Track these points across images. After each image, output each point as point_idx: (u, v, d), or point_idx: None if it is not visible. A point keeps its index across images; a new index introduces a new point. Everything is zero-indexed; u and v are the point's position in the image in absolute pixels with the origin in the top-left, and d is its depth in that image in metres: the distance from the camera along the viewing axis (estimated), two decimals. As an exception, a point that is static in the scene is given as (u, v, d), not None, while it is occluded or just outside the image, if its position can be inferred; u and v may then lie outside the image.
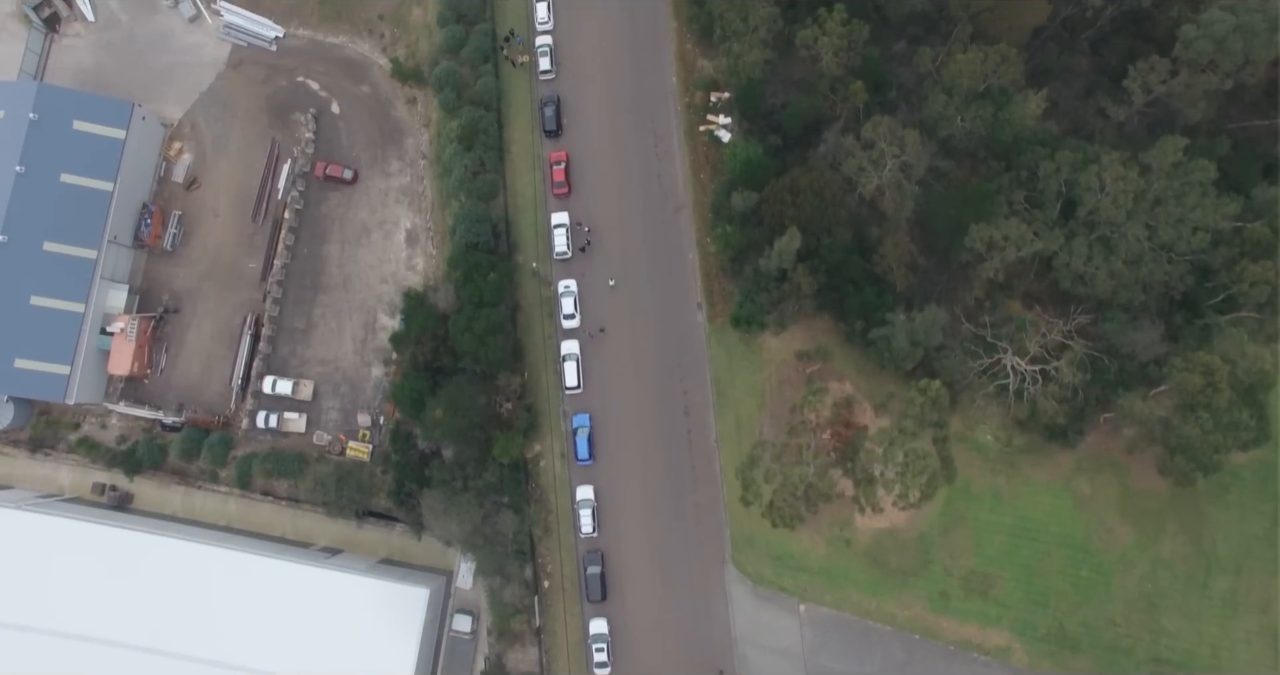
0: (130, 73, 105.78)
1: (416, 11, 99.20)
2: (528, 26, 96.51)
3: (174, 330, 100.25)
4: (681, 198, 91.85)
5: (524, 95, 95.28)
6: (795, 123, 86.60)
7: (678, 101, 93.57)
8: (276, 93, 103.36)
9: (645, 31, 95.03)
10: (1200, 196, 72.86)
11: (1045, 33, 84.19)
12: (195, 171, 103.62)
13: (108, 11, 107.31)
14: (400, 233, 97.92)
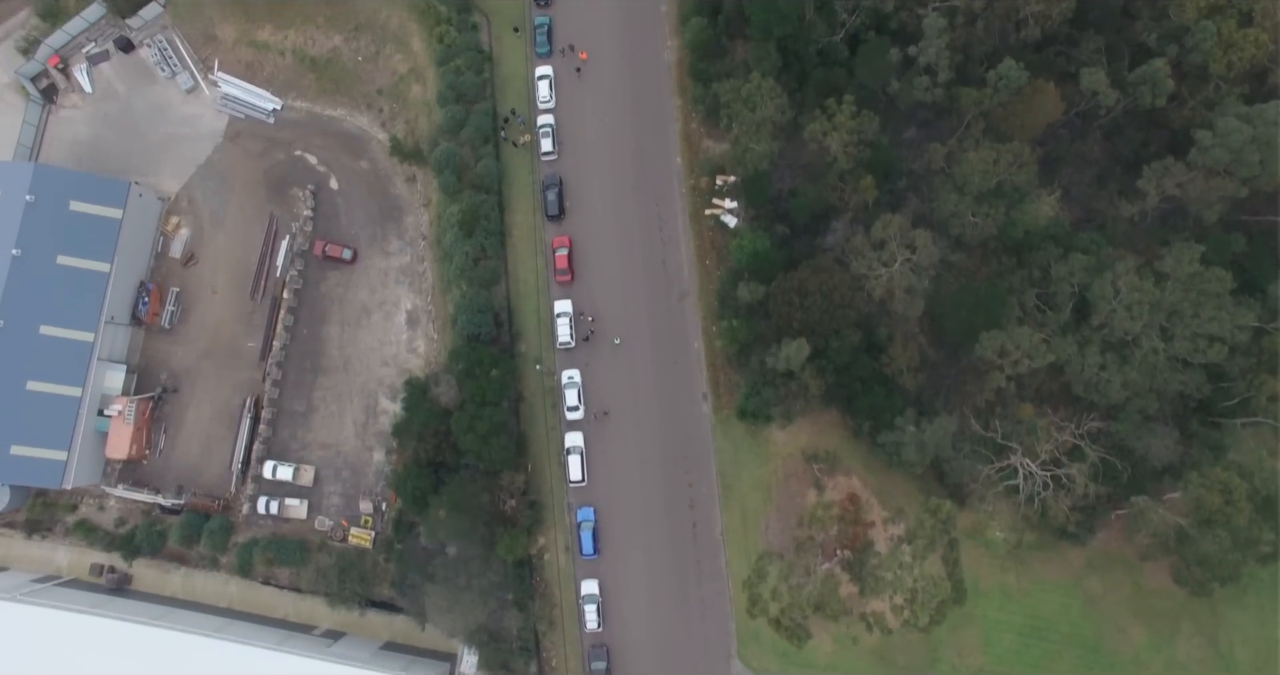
0: (127, 145, 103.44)
1: (416, 88, 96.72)
2: (529, 105, 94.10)
3: (173, 410, 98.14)
4: (687, 284, 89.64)
5: (525, 177, 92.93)
6: (803, 212, 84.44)
7: (682, 183, 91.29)
8: (274, 166, 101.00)
9: (649, 111, 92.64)
10: (1217, 308, 70.72)
11: (1058, 123, 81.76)
12: (193, 247, 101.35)
13: (105, 82, 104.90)
14: (401, 314, 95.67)
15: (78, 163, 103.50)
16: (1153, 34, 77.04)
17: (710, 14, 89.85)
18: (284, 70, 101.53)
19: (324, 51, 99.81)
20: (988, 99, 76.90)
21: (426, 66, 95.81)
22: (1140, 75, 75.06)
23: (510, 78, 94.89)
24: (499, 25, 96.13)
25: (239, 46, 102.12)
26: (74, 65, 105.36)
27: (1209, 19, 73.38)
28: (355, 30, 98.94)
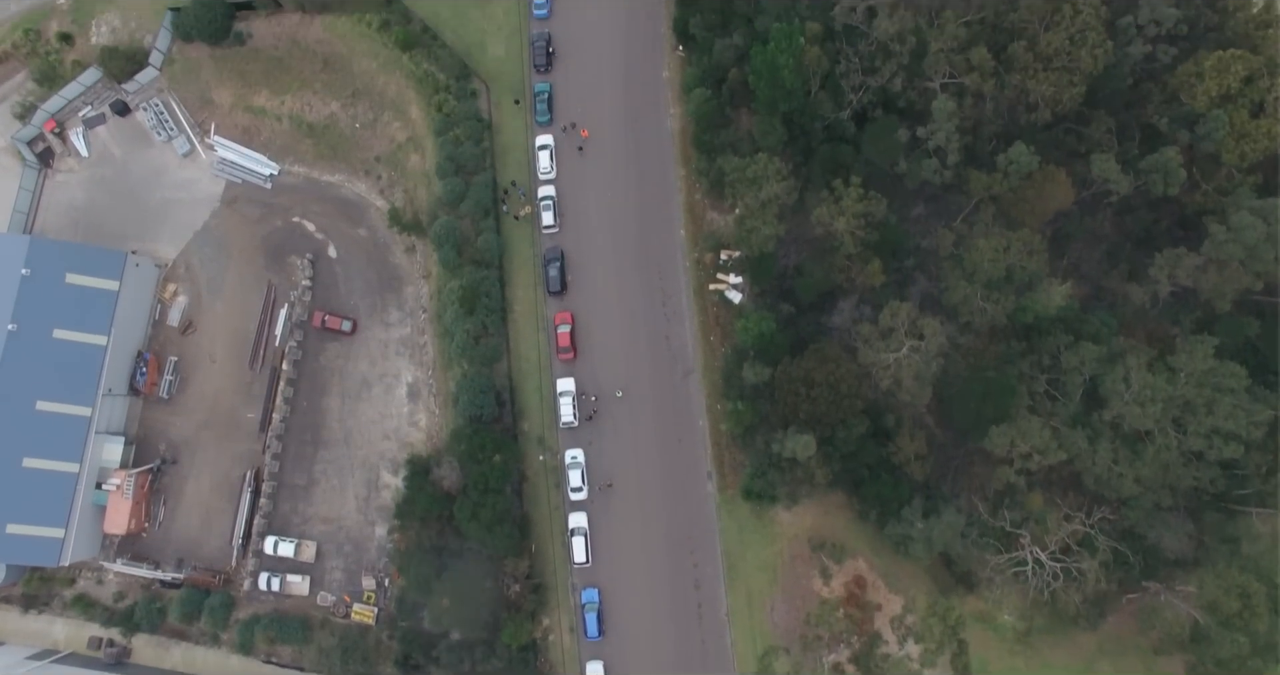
0: (124, 210, 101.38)
1: (414, 157, 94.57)
2: (529, 176, 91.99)
3: (172, 482, 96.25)
4: (691, 361, 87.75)
5: (527, 249, 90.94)
6: (809, 292, 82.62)
7: (686, 257, 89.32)
8: (272, 233, 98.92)
9: (652, 181, 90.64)
10: (1232, 405, 68.91)
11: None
12: (191, 315, 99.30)
13: (101, 146, 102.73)
14: (402, 387, 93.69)
15: (74, 228, 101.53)
16: (1164, 118, 75.04)
17: (714, 85, 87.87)
18: (281, 135, 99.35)
19: (321, 117, 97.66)
20: (997, 184, 74.96)
21: (425, 136, 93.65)
22: (1152, 163, 73.17)
23: (510, 147, 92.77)
24: (499, 92, 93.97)
25: (235, 111, 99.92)
26: (70, 129, 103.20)
27: (1220, 108, 71.36)
28: (352, 96, 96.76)
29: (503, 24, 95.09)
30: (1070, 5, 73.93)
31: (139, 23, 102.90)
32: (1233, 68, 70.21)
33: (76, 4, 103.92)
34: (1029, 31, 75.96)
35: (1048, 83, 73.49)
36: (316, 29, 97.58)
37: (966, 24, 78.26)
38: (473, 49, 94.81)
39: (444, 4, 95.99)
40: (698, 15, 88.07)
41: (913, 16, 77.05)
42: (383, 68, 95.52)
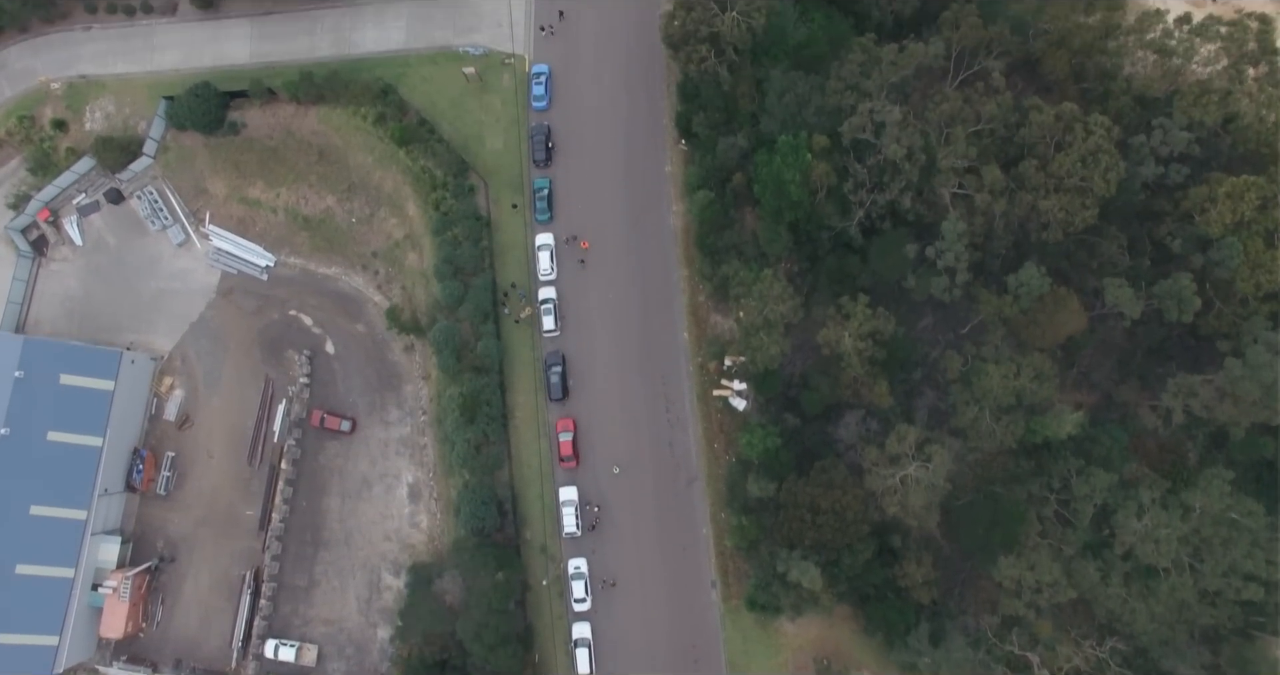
0: (119, 300, 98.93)
1: (411, 255, 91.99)
2: (529, 276, 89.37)
3: (170, 580, 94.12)
4: (694, 468, 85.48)
5: (527, 353, 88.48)
6: (815, 405, 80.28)
7: (690, 361, 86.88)
8: (269, 326, 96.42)
9: (655, 283, 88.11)
10: (1250, 545, 66.74)
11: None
12: (187, 409, 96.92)
13: (95, 234, 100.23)
14: (402, 487, 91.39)
15: (68, 318, 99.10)
16: (1177, 239, 72.64)
17: (717, 185, 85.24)
18: (276, 227, 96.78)
19: (317, 211, 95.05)
20: (1008, 308, 72.59)
21: (423, 234, 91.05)
22: (1165, 289, 70.80)
23: (509, 246, 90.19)
24: (497, 187, 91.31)
25: (230, 202, 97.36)
26: (64, 217, 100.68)
27: (1234, 234, 68.97)
28: (348, 191, 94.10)
29: (500, 115, 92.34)
30: (1082, 126, 71.42)
31: (133, 108, 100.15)
32: (1246, 195, 67.83)
33: (70, 89, 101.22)
34: (1040, 149, 73.45)
35: (1059, 205, 71.06)
36: (311, 120, 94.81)
37: (977, 134, 75.70)
38: (470, 141, 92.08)
39: (440, 94, 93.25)
40: (700, 113, 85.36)
41: (921, 134, 74.40)
42: (379, 162, 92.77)
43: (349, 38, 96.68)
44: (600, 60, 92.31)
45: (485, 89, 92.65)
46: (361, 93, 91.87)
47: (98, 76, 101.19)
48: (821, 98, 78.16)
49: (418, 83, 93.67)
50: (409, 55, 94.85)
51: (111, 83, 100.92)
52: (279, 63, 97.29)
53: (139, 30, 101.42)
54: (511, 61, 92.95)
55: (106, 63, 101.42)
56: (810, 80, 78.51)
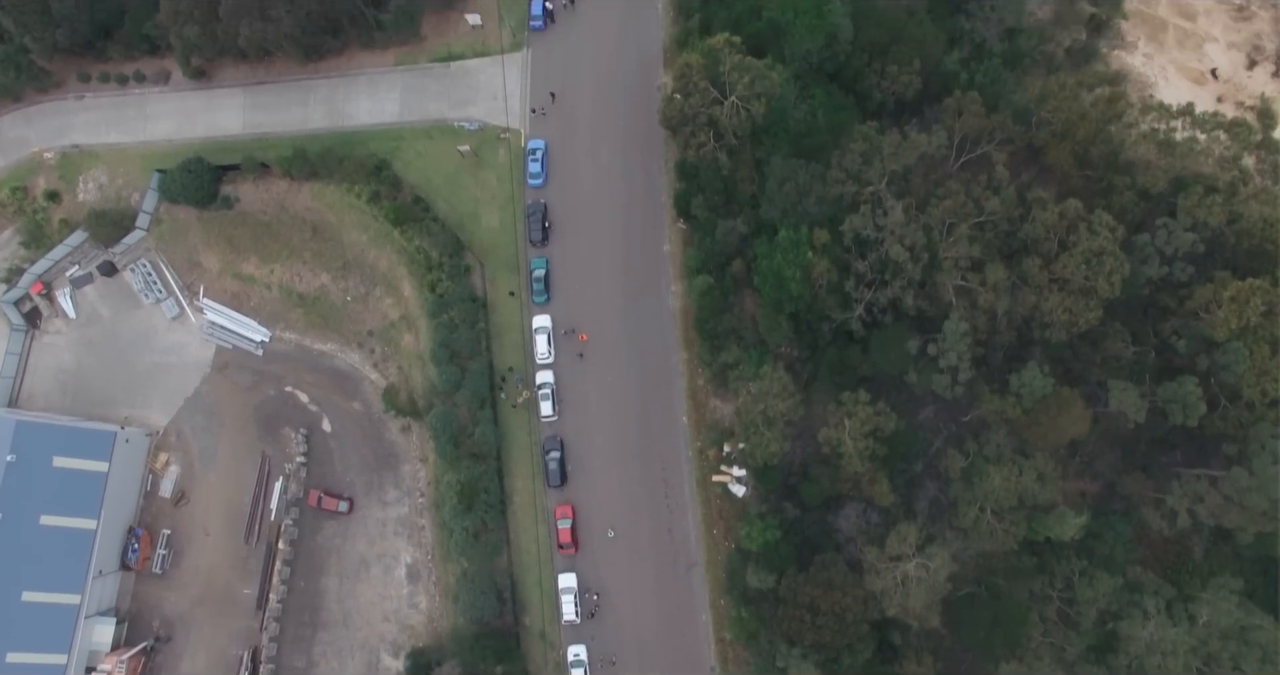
0: (113, 373, 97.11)
1: (407, 337, 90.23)
2: (526, 358, 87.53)
3: (166, 660, 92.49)
4: (694, 554, 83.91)
5: (525, 438, 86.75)
6: (815, 497, 78.79)
7: (689, 446, 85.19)
8: (265, 402, 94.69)
9: (653, 366, 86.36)
10: (1260, 661, 65.20)
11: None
12: (183, 485, 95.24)
13: (89, 307, 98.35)
14: (401, 567, 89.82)
15: (62, 392, 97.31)
16: (1181, 339, 70.96)
17: (716, 269, 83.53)
18: (271, 302, 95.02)
19: (311, 289, 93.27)
20: (1010, 409, 70.97)
21: (418, 315, 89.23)
22: (1171, 393, 69.15)
23: (506, 328, 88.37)
24: (493, 268, 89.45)
25: (224, 276, 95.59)
26: (57, 289, 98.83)
27: (1240, 339, 67.26)
28: (343, 269, 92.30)
29: (496, 192, 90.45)
30: (1086, 225, 69.66)
31: (126, 179, 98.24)
32: (1252, 301, 66.13)
33: (63, 159, 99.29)
34: (1044, 247, 71.74)
35: (1063, 305, 69.40)
36: (305, 197, 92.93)
37: (979, 226, 73.93)
38: (466, 219, 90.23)
39: (435, 170, 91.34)
40: (699, 195, 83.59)
41: (924, 229, 72.62)
42: (373, 241, 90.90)
43: (342, 109, 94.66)
44: (597, 135, 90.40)
45: (480, 165, 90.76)
46: (355, 170, 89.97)
47: (90, 146, 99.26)
48: (823, 187, 76.42)
49: (412, 158, 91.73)
50: (403, 128, 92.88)
51: (104, 153, 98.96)
52: (272, 134, 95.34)
53: (132, 99, 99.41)
54: (507, 136, 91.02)
55: (99, 132, 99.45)
56: (811, 169, 76.72)
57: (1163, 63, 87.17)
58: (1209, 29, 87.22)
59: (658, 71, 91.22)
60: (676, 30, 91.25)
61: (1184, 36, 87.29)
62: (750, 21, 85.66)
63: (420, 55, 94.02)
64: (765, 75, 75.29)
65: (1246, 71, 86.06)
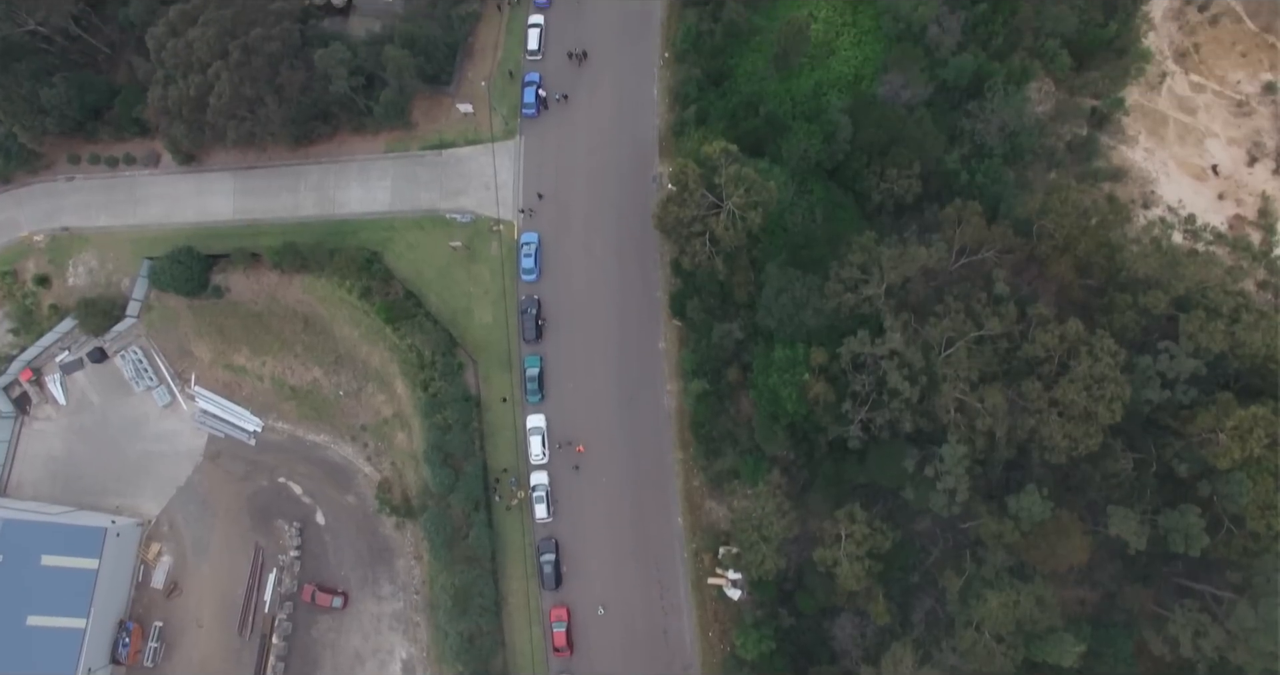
0: (104, 462, 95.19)
1: (400, 435, 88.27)
2: (521, 461, 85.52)
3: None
4: (690, 656, 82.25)
5: (520, 539, 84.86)
6: (811, 607, 77.01)
7: (684, 547, 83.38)
8: (258, 493, 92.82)
9: (649, 466, 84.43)
10: None
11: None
12: (175, 576, 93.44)
13: (79, 393, 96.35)
14: (396, 663, 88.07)
15: (52, 481, 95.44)
16: (1183, 463, 69.08)
17: (712, 374, 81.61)
18: (263, 393, 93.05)
19: (304, 382, 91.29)
20: (1009, 533, 69.15)
21: (412, 414, 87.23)
22: (1173, 521, 67.33)
23: (500, 426, 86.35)
24: (487, 365, 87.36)
25: (215, 367, 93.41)
26: (47, 374, 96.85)
27: (1243, 469, 65.41)
28: (335, 363, 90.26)
29: (489, 287, 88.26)
30: (1088, 350, 67.68)
31: (116, 264, 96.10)
32: (1255, 431, 64.21)
33: (53, 242, 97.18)
34: (1044, 369, 69.79)
35: (1062, 431, 67.48)
36: (296, 289, 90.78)
37: (979, 341, 71.92)
38: (459, 315, 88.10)
39: (427, 263, 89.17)
40: (695, 297, 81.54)
41: (922, 351, 70.62)
42: (365, 337, 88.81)
43: (333, 197, 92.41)
44: (591, 228, 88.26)
45: (473, 258, 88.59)
46: (346, 264, 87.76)
47: (81, 229, 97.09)
48: (820, 300, 74.31)
49: (404, 250, 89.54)
50: (394, 218, 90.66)
51: (95, 236, 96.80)
52: (263, 220, 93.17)
53: (122, 182, 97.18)
54: (500, 229, 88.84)
55: (90, 215, 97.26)
56: (808, 281, 74.62)
57: (1164, 158, 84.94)
58: (1209, 124, 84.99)
59: (653, 161, 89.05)
60: (672, 118, 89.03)
61: (1185, 131, 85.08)
62: (747, 117, 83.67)
63: (411, 142, 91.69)
64: (762, 186, 73.12)
65: (1247, 168, 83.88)
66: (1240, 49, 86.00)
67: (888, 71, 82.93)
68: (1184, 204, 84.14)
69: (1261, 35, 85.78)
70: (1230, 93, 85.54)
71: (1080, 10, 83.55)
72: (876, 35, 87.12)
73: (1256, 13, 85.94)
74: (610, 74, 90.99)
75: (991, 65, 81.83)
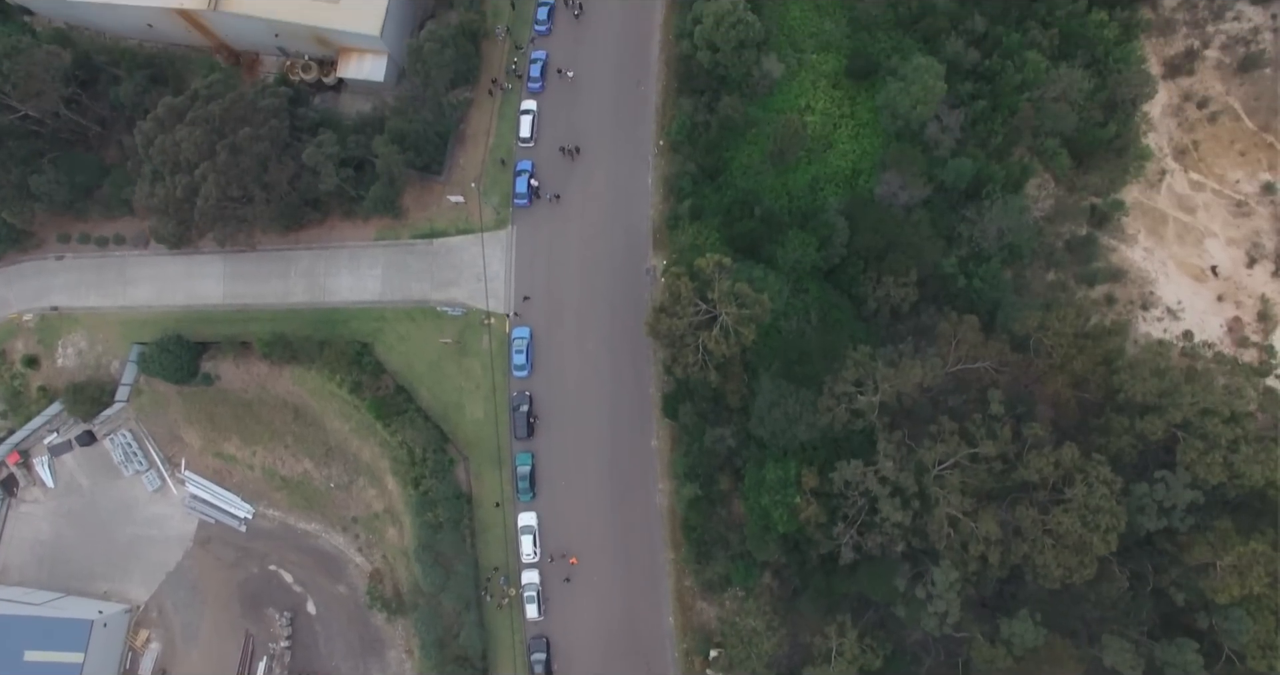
0: (92, 545, 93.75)
1: (391, 530, 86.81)
2: (512, 559, 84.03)
3: None
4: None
5: (510, 637, 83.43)
6: (802, 719, 75.51)
7: (675, 647, 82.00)
8: (248, 580, 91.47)
9: (640, 566, 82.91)
10: None
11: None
12: (164, 664, 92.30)
13: (67, 475, 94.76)
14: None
15: (39, 565, 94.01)
16: (1181, 593, 67.63)
17: (704, 478, 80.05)
18: (254, 481, 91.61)
19: (294, 473, 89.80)
20: (1000, 659, 67.79)
21: (402, 511, 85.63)
22: (1170, 655, 65.91)
23: (491, 523, 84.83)
24: (478, 461, 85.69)
25: (205, 455, 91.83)
26: (35, 456, 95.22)
27: (1242, 606, 63.95)
28: (326, 455, 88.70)
29: (481, 382, 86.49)
30: (1083, 479, 66.14)
31: (105, 346, 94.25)
32: (1254, 570, 62.72)
33: (42, 322, 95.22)
34: (1039, 496, 68.26)
35: (1056, 561, 65.99)
36: (286, 381, 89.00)
37: (973, 459, 70.33)
38: (450, 409, 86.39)
39: (418, 356, 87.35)
40: (688, 401, 79.92)
41: (915, 475, 69.05)
42: (356, 431, 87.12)
43: (323, 284, 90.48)
44: (584, 322, 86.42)
45: (464, 351, 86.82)
46: (336, 358, 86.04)
47: (70, 309, 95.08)
48: (813, 415, 72.68)
49: (395, 342, 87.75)
50: (385, 308, 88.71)
51: (84, 317, 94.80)
52: (253, 306, 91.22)
53: (112, 262, 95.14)
54: (491, 322, 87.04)
55: (79, 294, 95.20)
56: (801, 396, 72.94)
57: (1163, 257, 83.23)
58: (1209, 224, 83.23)
59: (647, 253, 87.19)
60: (666, 209, 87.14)
61: (1184, 230, 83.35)
62: (743, 218, 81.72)
63: (402, 230, 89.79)
64: (756, 301, 71.41)
65: (1246, 270, 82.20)
66: (1239, 147, 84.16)
67: (885, 170, 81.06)
68: (1183, 305, 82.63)
69: (1260, 134, 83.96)
70: (1229, 192, 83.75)
71: (1080, 108, 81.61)
72: (875, 128, 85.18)
73: (1255, 111, 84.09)
74: (604, 162, 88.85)
75: (991, 167, 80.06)
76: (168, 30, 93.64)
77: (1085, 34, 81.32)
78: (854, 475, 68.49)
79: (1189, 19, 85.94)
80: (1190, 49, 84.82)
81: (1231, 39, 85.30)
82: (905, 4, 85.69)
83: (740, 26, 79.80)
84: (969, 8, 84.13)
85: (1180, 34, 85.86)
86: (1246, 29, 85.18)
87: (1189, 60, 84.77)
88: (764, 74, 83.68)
